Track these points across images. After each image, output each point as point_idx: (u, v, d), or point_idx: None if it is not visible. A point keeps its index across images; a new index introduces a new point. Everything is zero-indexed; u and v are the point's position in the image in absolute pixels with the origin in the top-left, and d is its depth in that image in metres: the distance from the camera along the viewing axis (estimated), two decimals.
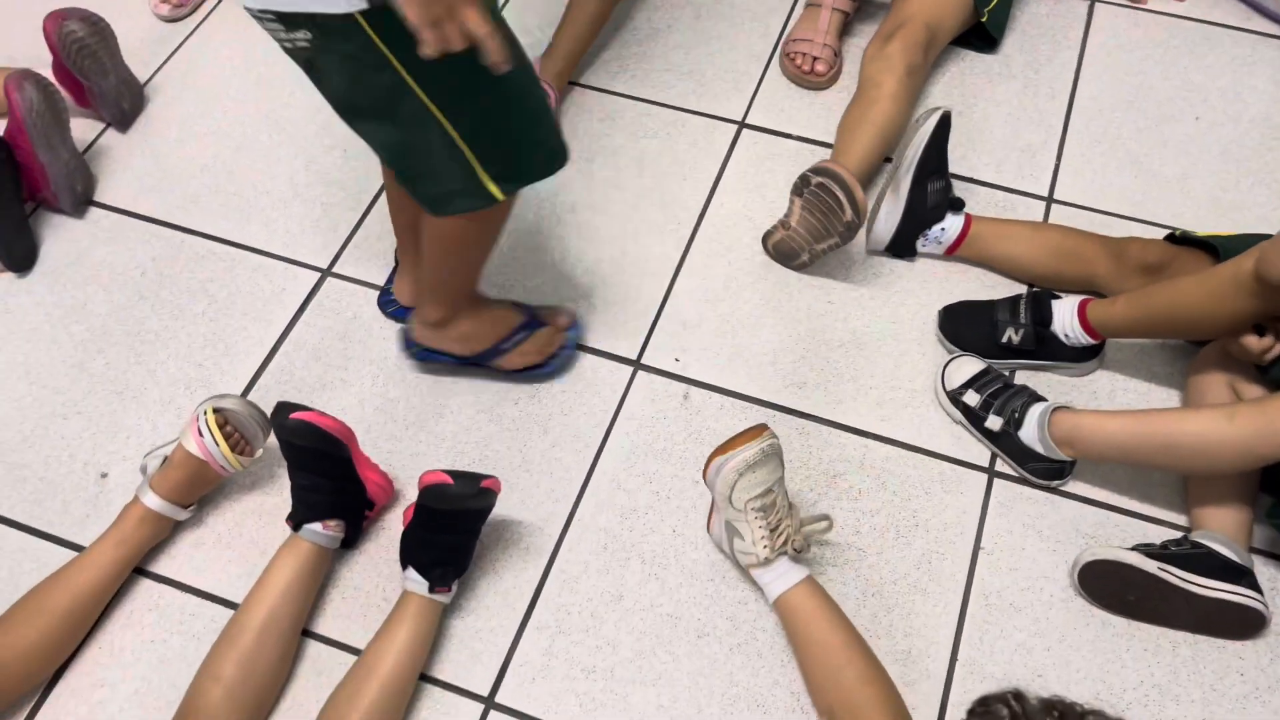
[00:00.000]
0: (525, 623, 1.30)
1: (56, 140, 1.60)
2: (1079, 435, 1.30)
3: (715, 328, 1.54)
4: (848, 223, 1.43)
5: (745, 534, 1.24)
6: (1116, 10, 1.91)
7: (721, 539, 1.30)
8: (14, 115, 1.55)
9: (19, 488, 1.40)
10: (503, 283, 1.58)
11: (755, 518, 1.23)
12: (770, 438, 1.23)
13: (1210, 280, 1.25)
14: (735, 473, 1.23)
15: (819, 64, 1.78)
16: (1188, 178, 1.68)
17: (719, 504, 1.27)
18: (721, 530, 1.29)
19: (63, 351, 1.52)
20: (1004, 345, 1.44)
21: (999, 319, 1.45)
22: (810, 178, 1.45)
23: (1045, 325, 1.42)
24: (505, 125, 1.11)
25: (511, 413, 1.46)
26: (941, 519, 1.37)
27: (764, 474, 1.23)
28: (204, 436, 1.28)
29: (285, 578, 1.25)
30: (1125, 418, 1.28)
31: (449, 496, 1.19)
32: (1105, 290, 1.49)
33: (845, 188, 1.41)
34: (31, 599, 1.23)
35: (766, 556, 1.23)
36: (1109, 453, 1.29)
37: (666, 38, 1.88)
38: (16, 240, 1.59)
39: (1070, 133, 1.74)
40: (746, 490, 1.23)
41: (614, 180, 1.69)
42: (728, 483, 1.23)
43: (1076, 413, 1.32)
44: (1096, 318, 1.39)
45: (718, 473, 1.24)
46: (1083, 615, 1.29)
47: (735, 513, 1.24)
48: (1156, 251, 1.43)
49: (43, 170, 1.58)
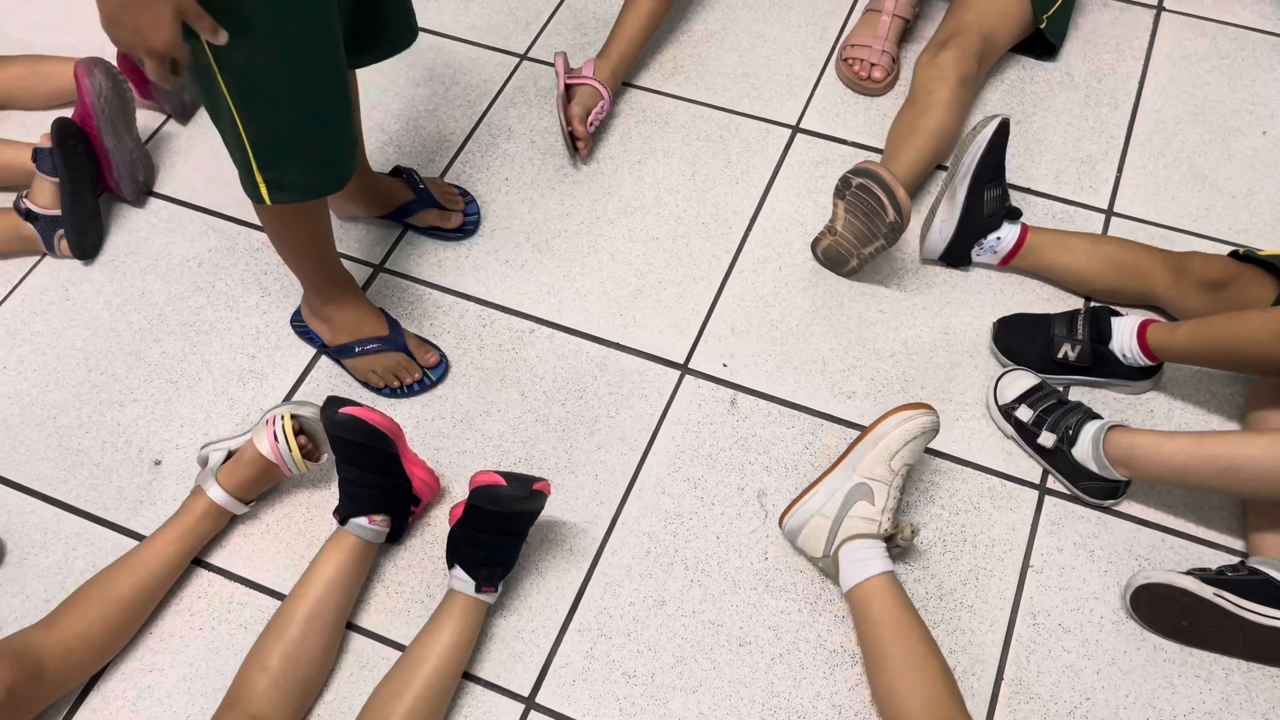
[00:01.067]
0: (567, 624, 1.30)
1: (122, 128, 1.62)
2: (1134, 455, 1.27)
3: (764, 334, 1.53)
4: (891, 223, 1.42)
5: (879, 499, 1.26)
6: (1183, 20, 1.87)
7: (817, 513, 1.28)
8: (83, 100, 1.58)
9: (76, 472, 1.43)
10: (551, 284, 1.58)
11: (898, 486, 1.26)
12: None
13: (1277, 319, 1.22)
14: (921, 430, 1.27)
15: (876, 70, 1.76)
16: (1253, 193, 1.64)
17: (871, 459, 1.27)
18: (828, 500, 1.27)
19: (121, 339, 1.55)
20: (1059, 361, 1.42)
21: (1055, 334, 1.43)
22: (851, 179, 1.43)
23: (1103, 342, 1.40)
24: (286, 133, 1.14)
25: (558, 413, 1.46)
26: (990, 535, 1.35)
27: (920, 450, 1.28)
28: (279, 441, 1.31)
29: (331, 571, 1.26)
30: (1183, 439, 1.25)
31: (501, 498, 1.20)
32: (1164, 305, 1.46)
33: (886, 188, 1.39)
34: (95, 586, 1.25)
35: (886, 530, 1.25)
36: (1166, 475, 1.27)
37: (721, 40, 1.87)
38: (89, 228, 1.62)
39: (1132, 144, 1.71)
40: (912, 455, 1.27)
41: (665, 182, 1.69)
42: (906, 435, 1.26)
43: (1132, 432, 1.29)
44: (1156, 342, 1.36)
45: (899, 425, 1.26)
46: (1134, 639, 1.27)
47: (887, 473, 1.26)
48: (1219, 268, 1.40)
49: (107, 157, 1.61)
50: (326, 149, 1.20)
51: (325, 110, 1.16)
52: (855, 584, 1.23)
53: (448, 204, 1.62)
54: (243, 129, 1.12)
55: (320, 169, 1.21)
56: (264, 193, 1.19)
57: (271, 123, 1.12)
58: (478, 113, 1.79)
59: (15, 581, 1.34)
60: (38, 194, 1.58)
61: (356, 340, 1.45)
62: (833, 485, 1.28)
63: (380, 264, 1.62)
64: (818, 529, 1.28)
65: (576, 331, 1.54)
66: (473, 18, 1.91)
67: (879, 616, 1.21)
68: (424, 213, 1.61)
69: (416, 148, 1.74)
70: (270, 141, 1.14)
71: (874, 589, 1.22)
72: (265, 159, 1.16)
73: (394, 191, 1.59)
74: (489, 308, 1.57)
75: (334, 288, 1.43)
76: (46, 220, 1.58)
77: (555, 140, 1.75)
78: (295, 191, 1.20)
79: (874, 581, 1.22)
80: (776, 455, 1.42)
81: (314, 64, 1.10)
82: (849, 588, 1.24)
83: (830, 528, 1.27)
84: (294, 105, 1.12)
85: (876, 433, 1.27)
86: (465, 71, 1.84)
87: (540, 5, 1.93)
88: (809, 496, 1.30)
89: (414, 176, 1.61)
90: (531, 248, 1.62)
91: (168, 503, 1.38)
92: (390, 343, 1.45)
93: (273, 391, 1.49)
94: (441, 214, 1.61)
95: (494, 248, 1.63)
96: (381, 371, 1.46)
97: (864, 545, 1.24)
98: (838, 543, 1.26)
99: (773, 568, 1.33)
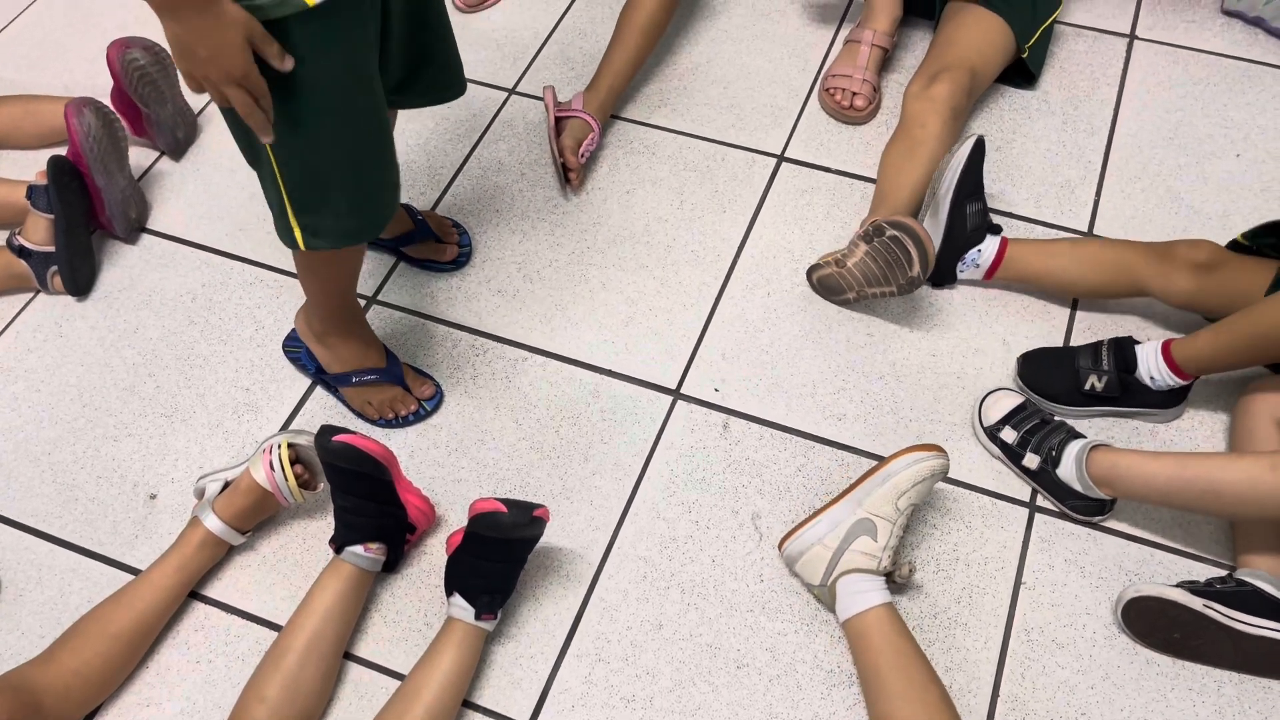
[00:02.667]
0: (565, 650, 1.31)
1: (114, 167, 1.64)
2: (1117, 475, 1.29)
3: (755, 358, 1.55)
4: (911, 278, 1.44)
5: (882, 536, 1.26)
6: (1155, 48, 1.92)
7: (817, 543, 1.28)
8: (73, 140, 1.59)
9: (70, 508, 1.43)
10: (543, 313, 1.60)
11: (901, 525, 1.27)
12: None
13: None
14: (929, 473, 1.27)
15: (858, 99, 1.80)
16: (1229, 215, 1.67)
17: (878, 496, 1.27)
18: (830, 531, 1.28)
19: (115, 374, 1.55)
20: (1087, 393, 1.43)
21: (1081, 365, 1.43)
22: (885, 228, 1.44)
23: (1129, 371, 1.40)
24: (324, 178, 1.12)
25: (552, 440, 1.47)
26: (982, 553, 1.37)
27: (927, 492, 1.28)
28: (275, 471, 1.31)
29: (328, 600, 1.26)
30: (1166, 460, 1.26)
31: (502, 525, 1.21)
32: (1152, 293, 1.46)
33: (920, 245, 1.41)
34: (93, 621, 1.25)
35: (886, 566, 1.26)
36: (1149, 495, 1.28)
37: (706, 72, 1.91)
38: (83, 265, 1.63)
39: (1110, 168, 1.74)
40: (918, 495, 1.27)
41: (654, 212, 1.71)
42: (916, 476, 1.27)
43: (1115, 452, 1.31)
44: (1181, 355, 1.36)
45: (910, 465, 1.27)
46: (1126, 653, 1.28)
47: (893, 512, 1.27)
48: (1205, 251, 1.41)
49: (99, 195, 1.62)
50: (364, 195, 1.17)
51: (364, 156, 1.14)
52: (853, 615, 1.24)
53: (444, 236, 1.64)
54: (279, 174, 1.10)
55: (357, 215, 1.18)
56: (299, 238, 1.17)
57: (309, 167, 1.11)
58: (468, 146, 1.82)
59: (11, 618, 1.34)
60: (31, 231, 1.59)
61: (354, 370, 1.45)
62: (836, 517, 1.29)
63: (374, 296, 1.63)
64: (817, 558, 1.29)
65: (569, 359, 1.55)
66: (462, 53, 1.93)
67: (878, 645, 1.21)
68: (421, 244, 1.62)
69: (408, 182, 1.76)
70: (307, 186, 1.12)
71: (873, 620, 1.23)
72: (301, 205, 1.14)
73: (395, 219, 1.61)
74: (482, 337, 1.58)
75: (348, 322, 1.43)
76: (40, 257, 1.59)
77: (545, 172, 1.77)
78: (331, 238, 1.18)
79: (873, 613, 1.23)
80: (770, 478, 1.43)
81: (354, 108, 1.09)
82: (846, 618, 1.25)
83: (830, 558, 1.28)
84: (333, 150, 1.10)
85: (887, 470, 1.28)
86: (455, 106, 1.87)
87: (527, 40, 1.97)
88: (811, 525, 1.31)
89: (412, 208, 1.63)
90: (523, 277, 1.64)
91: (163, 537, 1.39)
92: (388, 375, 1.46)
93: (268, 424, 1.50)
94: (437, 246, 1.63)
95: (486, 278, 1.65)
96: (377, 404, 1.47)
97: (863, 578, 1.25)
98: (836, 574, 1.27)
99: (769, 590, 1.34)
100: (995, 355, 1.53)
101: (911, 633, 1.23)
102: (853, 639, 1.25)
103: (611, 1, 2.00)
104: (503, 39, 1.97)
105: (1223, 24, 1.94)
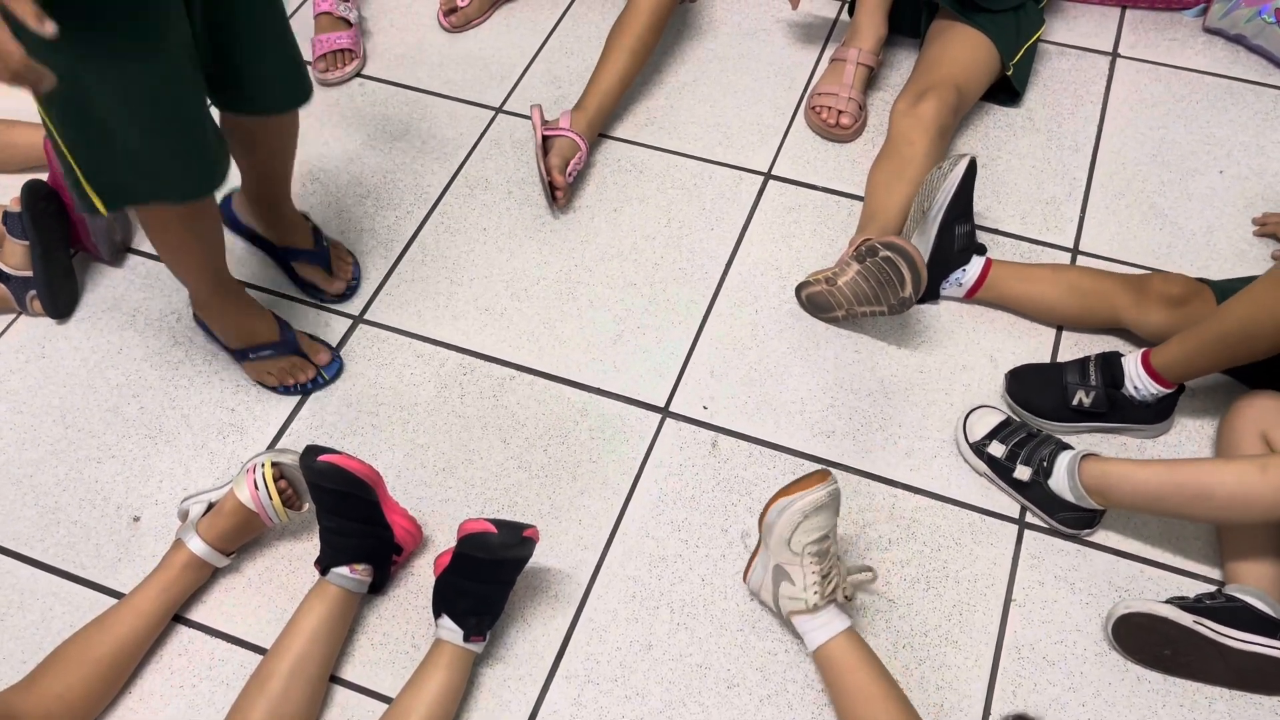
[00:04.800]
0: (554, 672, 1.29)
1: None
2: (1108, 484, 1.29)
3: (743, 376, 1.54)
4: (903, 298, 1.44)
5: (797, 579, 1.24)
6: (1137, 65, 1.93)
7: (762, 585, 1.29)
8: (53, 166, 1.58)
9: (53, 531, 1.41)
10: (531, 331, 1.59)
11: (810, 563, 1.23)
12: (834, 483, 1.24)
13: (1261, 283, 1.26)
14: (801, 514, 1.22)
15: (844, 117, 1.81)
16: (1213, 230, 1.69)
17: (773, 547, 1.25)
18: (764, 576, 1.28)
19: (98, 396, 1.54)
20: (1075, 408, 1.43)
21: (1069, 381, 1.43)
22: (878, 248, 1.44)
23: (1116, 387, 1.41)
24: (104, 146, 1.14)
25: (540, 460, 1.46)
26: (972, 570, 1.36)
27: (824, 519, 1.23)
28: (259, 490, 1.30)
29: (313, 622, 1.25)
30: (1156, 466, 1.27)
31: (492, 546, 1.20)
32: (1129, 326, 1.48)
33: (914, 268, 1.41)
34: (75, 646, 1.23)
35: (816, 603, 1.23)
36: (1139, 502, 1.29)
37: (693, 91, 1.91)
38: (63, 288, 1.62)
39: (1094, 185, 1.76)
40: (807, 534, 1.23)
41: (642, 230, 1.71)
42: (791, 524, 1.23)
43: (1105, 461, 1.31)
44: (1159, 361, 1.37)
45: (780, 514, 1.23)
46: (1117, 670, 1.28)
47: (791, 556, 1.24)
48: (1179, 284, 1.44)
49: (82, 220, 1.61)
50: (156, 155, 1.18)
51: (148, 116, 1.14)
52: (813, 651, 1.24)
53: (337, 270, 1.64)
54: (62, 143, 1.13)
55: (150, 176, 1.19)
56: (96, 201, 1.18)
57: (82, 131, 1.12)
58: (455, 165, 1.81)
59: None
60: (9, 255, 1.57)
61: (250, 346, 1.49)
62: (764, 562, 1.29)
63: (360, 315, 1.63)
64: (768, 598, 1.29)
65: (557, 377, 1.55)
66: (448, 72, 1.95)
67: (837, 680, 1.21)
68: (310, 267, 1.62)
69: (394, 200, 1.76)
70: (83, 149, 1.14)
71: (830, 655, 1.22)
72: (88, 169, 1.16)
73: (294, 230, 1.60)
74: (469, 356, 1.57)
75: (223, 297, 1.46)
76: (18, 281, 1.58)
77: (532, 191, 1.77)
78: (128, 196, 1.20)
79: (828, 647, 1.22)
80: (759, 496, 1.42)
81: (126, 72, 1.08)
82: (810, 653, 1.25)
83: (773, 603, 1.28)
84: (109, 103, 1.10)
85: (767, 523, 1.27)
86: (442, 125, 1.87)
87: (514, 59, 1.97)
88: (751, 570, 1.32)
89: (319, 232, 1.63)
90: (511, 295, 1.64)
91: (147, 559, 1.37)
92: (283, 347, 1.50)
93: (253, 444, 1.49)
94: (326, 276, 1.63)
95: (473, 296, 1.64)
96: (276, 372, 1.52)
97: (804, 619, 1.24)
98: (785, 615, 1.27)
99: (758, 609, 1.33)
100: (983, 372, 1.54)
101: (872, 655, 1.22)
102: (820, 672, 1.26)
103: (599, 21, 2.01)
104: (490, 58, 1.98)
105: (1204, 41, 1.96)
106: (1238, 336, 1.30)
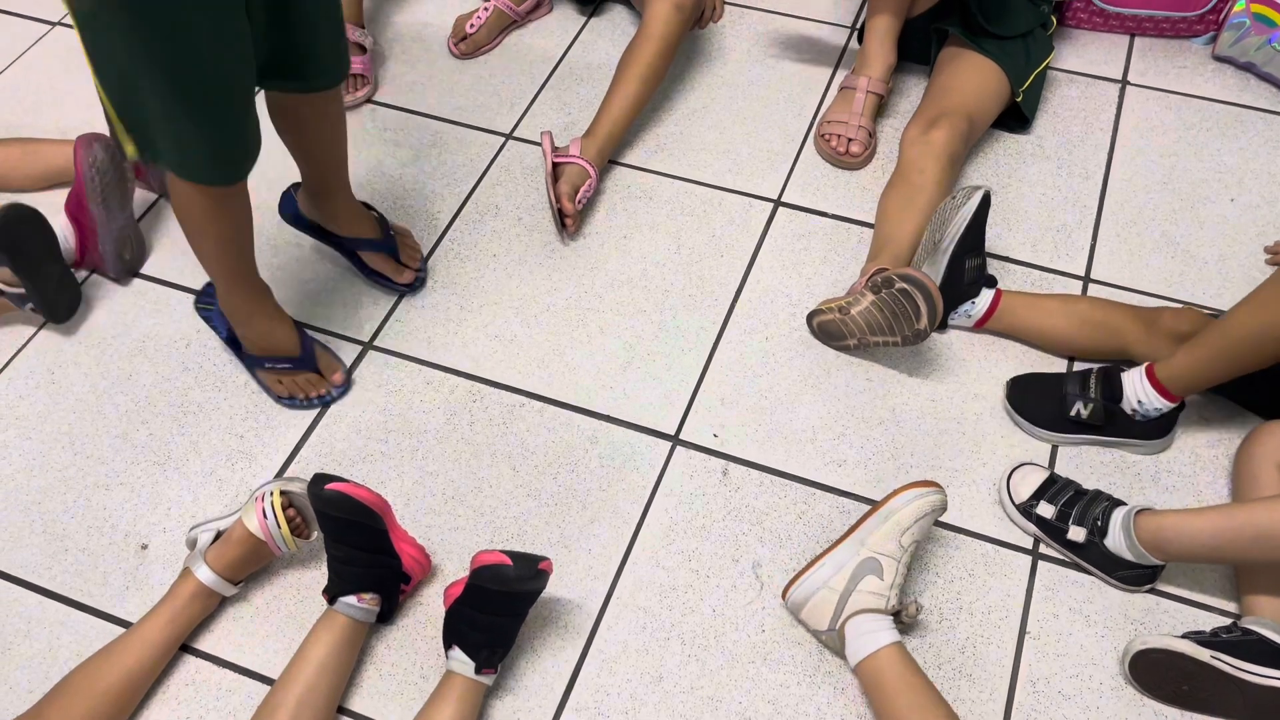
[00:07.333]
0: (564, 704, 1.28)
1: (115, 204, 1.64)
2: (1164, 538, 1.26)
3: (754, 404, 1.54)
4: (917, 330, 1.44)
5: (888, 575, 1.25)
6: (1147, 93, 1.93)
7: (823, 587, 1.27)
8: (77, 171, 1.60)
9: (60, 559, 1.41)
10: (541, 357, 1.59)
11: (905, 563, 1.26)
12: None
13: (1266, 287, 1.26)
14: (930, 508, 1.27)
15: (854, 145, 1.81)
16: (1225, 259, 1.68)
17: (883, 533, 1.26)
18: (835, 573, 1.27)
19: (107, 422, 1.54)
20: (1072, 419, 1.43)
21: (1068, 392, 1.43)
22: (894, 280, 1.43)
23: (1115, 401, 1.41)
24: (138, 98, 1.15)
25: (550, 488, 1.46)
26: (986, 602, 1.35)
27: (928, 528, 1.27)
28: (268, 518, 1.29)
29: (321, 653, 1.24)
30: (1209, 514, 1.24)
31: (508, 578, 1.19)
32: (1138, 359, 1.47)
33: (930, 301, 1.41)
34: (82, 676, 1.22)
35: (893, 605, 1.24)
36: (1198, 552, 1.26)
37: (703, 117, 1.92)
38: (59, 298, 1.61)
39: (1105, 213, 1.75)
40: (920, 532, 1.26)
41: (652, 256, 1.71)
42: (918, 512, 1.26)
43: (1159, 514, 1.28)
44: (1165, 374, 1.37)
45: (912, 500, 1.27)
46: (1134, 705, 1.27)
47: (896, 549, 1.26)
48: (1188, 320, 1.44)
49: (94, 230, 1.62)
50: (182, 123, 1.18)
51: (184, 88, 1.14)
52: (865, 656, 1.22)
53: (406, 259, 1.65)
54: (99, 85, 1.15)
55: (176, 142, 1.20)
56: (128, 147, 1.20)
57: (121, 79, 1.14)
58: (465, 191, 1.82)
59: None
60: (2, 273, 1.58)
61: (269, 356, 1.50)
62: (839, 559, 1.28)
63: (370, 341, 1.62)
64: (824, 602, 1.27)
65: (567, 405, 1.54)
66: (458, 99, 1.95)
67: (893, 685, 1.20)
68: (380, 256, 1.63)
69: (405, 226, 1.76)
70: (120, 96, 1.16)
71: (885, 660, 1.21)
72: (123, 112, 1.18)
73: (358, 220, 1.61)
74: (479, 382, 1.57)
75: (242, 296, 1.46)
76: (14, 296, 1.58)
77: (542, 217, 1.77)
78: (156, 155, 1.22)
79: (885, 653, 1.21)
80: (770, 526, 1.41)
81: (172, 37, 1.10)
82: (858, 661, 1.23)
83: (838, 601, 1.26)
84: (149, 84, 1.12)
85: (888, 508, 1.27)
86: (452, 151, 1.87)
87: (524, 86, 1.98)
88: (815, 569, 1.29)
89: (385, 220, 1.64)
90: (521, 322, 1.64)
91: (155, 588, 1.36)
92: (302, 364, 1.51)
93: (262, 471, 1.48)
94: (396, 266, 1.64)
95: (483, 323, 1.64)
96: (288, 384, 1.52)
97: (871, 619, 1.24)
98: (845, 616, 1.25)
99: (770, 640, 1.32)
100: (995, 400, 1.53)
101: (925, 674, 1.22)
102: (867, 682, 1.23)
103: (609, 48, 2.02)
104: (500, 84, 1.98)
105: (1214, 69, 1.96)
106: (1245, 344, 1.29)
